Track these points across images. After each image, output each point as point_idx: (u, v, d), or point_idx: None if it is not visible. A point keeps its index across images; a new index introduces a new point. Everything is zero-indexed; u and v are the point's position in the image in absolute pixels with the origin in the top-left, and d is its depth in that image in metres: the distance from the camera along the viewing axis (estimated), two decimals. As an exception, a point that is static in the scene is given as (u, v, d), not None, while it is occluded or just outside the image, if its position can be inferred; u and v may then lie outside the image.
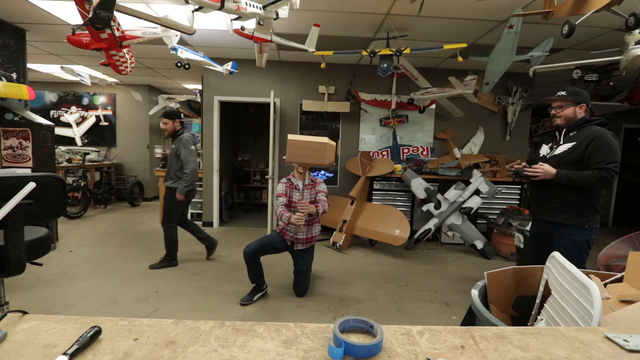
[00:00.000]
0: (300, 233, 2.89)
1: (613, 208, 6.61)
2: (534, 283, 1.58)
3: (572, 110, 2.15)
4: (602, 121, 2.13)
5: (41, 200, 1.33)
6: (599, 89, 4.15)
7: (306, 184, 2.88)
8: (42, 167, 3.76)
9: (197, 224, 4.09)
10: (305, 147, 2.45)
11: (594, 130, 2.07)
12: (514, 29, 3.16)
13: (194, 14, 2.60)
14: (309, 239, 2.96)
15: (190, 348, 0.72)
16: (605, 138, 2.02)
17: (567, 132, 2.20)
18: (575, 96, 2.15)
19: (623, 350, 0.76)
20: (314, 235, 2.99)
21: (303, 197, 2.75)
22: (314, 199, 2.94)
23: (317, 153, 2.44)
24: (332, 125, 5.40)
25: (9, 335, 0.74)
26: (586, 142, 2.05)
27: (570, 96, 2.15)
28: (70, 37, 3.09)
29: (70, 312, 2.58)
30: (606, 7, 2.10)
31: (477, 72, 4.73)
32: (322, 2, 3.18)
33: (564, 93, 2.16)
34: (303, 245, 2.95)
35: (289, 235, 2.93)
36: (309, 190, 2.94)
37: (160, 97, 7.16)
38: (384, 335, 0.78)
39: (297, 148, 2.45)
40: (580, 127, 2.14)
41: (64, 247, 4.14)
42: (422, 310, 2.83)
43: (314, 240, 3.02)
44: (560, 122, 2.19)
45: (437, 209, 4.45)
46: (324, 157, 2.45)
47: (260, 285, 2.93)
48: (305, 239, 2.94)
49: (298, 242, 2.94)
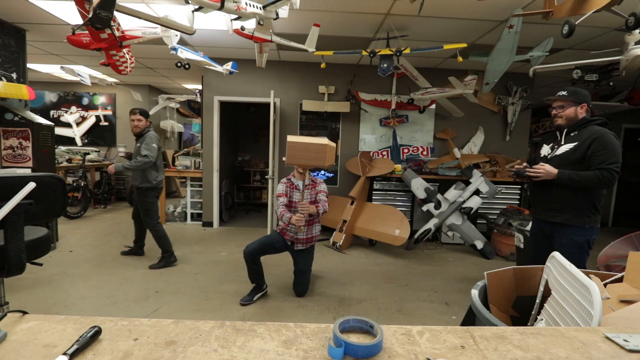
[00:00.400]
0: (301, 233, 2.89)
1: (613, 208, 6.62)
2: (534, 283, 1.58)
3: (574, 110, 2.14)
4: (603, 121, 2.13)
5: (41, 200, 1.33)
6: (599, 89, 4.14)
7: (306, 184, 2.88)
8: (42, 167, 3.76)
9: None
10: (305, 148, 2.44)
11: (596, 131, 2.06)
12: (514, 29, 3.15)
13: (194, 14, 2.60)
14: (309, 239, 2.97)
15: (190, 348, 0.72)
16: (607, 138, 2.02)
17: (568, 132, 2.19)
18: (576, 96, 2.14)
19: (623, 350, 0.76)
20: (314, 235, 2.99)
21: (303, 198, 2.75)
22: (315, 199, 2.94)
23: (317, 155, 2.43)
24: (332, 125, 5.40)
25: (9, 335, 0.74)
26: (588, 143, 2.05)
27: (571, 96, 2.14)
28: (70, 37, 3.09)
29: (70, 312, 2.58)
30: (606, 7, 2.10)
31: (477, 72, 4.73)
32: (322, 2, 3.18)
33: (565, 93, 2.16)
34: (303, 245, 2.95)
35: (289, 236, 2.93)
36: (309, 190, 2.94)
37: (160, 97, 7.16)
38: (384, 335, 0.78)
39: (296, 150, 2.44)
40: (581, 127, 2.14)
41: (64, 247, 4.14)
42: (422, 310, 2.83)
43: (314, 240, 3.02)
44: (561, 122, 2.19)
45: (437, 209, 4.45)
46: (324, 158, 2.43)
47: (260, 285, 2.93)
48: (306, 239, 2.95)
49: (298, 242, 2.94)
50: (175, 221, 5.73)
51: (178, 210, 5.79)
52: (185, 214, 5.72)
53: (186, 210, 5.72)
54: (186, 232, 5.12)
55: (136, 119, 3.52)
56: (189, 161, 5.76)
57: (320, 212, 2.83)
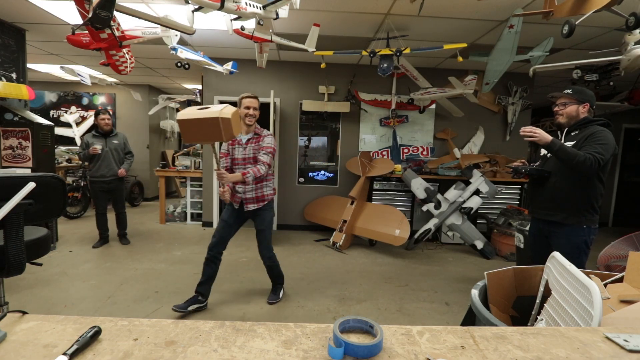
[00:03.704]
0: (249, 192, 2.60)
1: (613, 208, 6.61)
2: (534, 283, 1.58)
3: (575, 108, 2.14)
4: (605, 122, 2.11)
5: (41, 200, 1.33)
6: (599, 89, 4.14)
7: (249, 138, 2.60)
8: (42, 167, 3.76)
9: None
10: (197, 124, 2.04)
11: (596, 129, 2.06)
12: (514, 29, 3.15)
13: (194, 14, 2.60)
14: (259, 198, 2.64)
15: (190, 348, 0.72)
16: (603, 133, 2.02)
17: (568, 131, 2.19)
18: (580, 95, 2.14)
19: (623, 350, 0.76)
20: (265, 194, 2.66)
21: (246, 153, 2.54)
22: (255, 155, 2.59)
23: (211, 130, 2.02)
24: (332, 125, 5.40)
25: (9, 335, 0.74)
26: (585, 138, 2.05)
27: (575, 94, 2.14)
28: (70, 37, 3.09)
29: (70, 312, 2.58)
30: (606, 7, 2.10)
31: (477, 72, 4.72)
32: (322, 2, 3.18)
33: (570, 91, 2.15)
34: (255, 204, 2.63)
35: (237, 198, 2.61)
36: (252, 144, 2.59)
37: (160, 97, 7.17)
38: (384, 335, 0.78)
39: (189, 127, 2.04)
40: (582, 127, 2.13)
41: (64, 247, 4.14)
42: (422, 310, 2.83)
43: (266, 198, 2.68)
44: (562, 120, 2.18)
45: (437, 209, 4.45)
46: (219, 132, 2.03)
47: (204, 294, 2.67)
48: (256, 197, 2.62)
49: (248, 202, 2.62)
50: (175, 221, 5.73)
51: (178, 210, 5.78)
52: (185, 214, 5.72)
53: (186, 210, 5.72)
54: (186, 232, 5.12)
55: (106, 118, 4.08)
56: (189, 161, 5.76)
57: (249, 179, 2.42)
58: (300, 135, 5.40)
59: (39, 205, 1.32)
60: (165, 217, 5.63)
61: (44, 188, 1.35)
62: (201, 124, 2.02)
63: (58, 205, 1.49)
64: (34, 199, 1.26)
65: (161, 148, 8.02)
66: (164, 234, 4.96)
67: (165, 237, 4.79)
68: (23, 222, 1.28)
